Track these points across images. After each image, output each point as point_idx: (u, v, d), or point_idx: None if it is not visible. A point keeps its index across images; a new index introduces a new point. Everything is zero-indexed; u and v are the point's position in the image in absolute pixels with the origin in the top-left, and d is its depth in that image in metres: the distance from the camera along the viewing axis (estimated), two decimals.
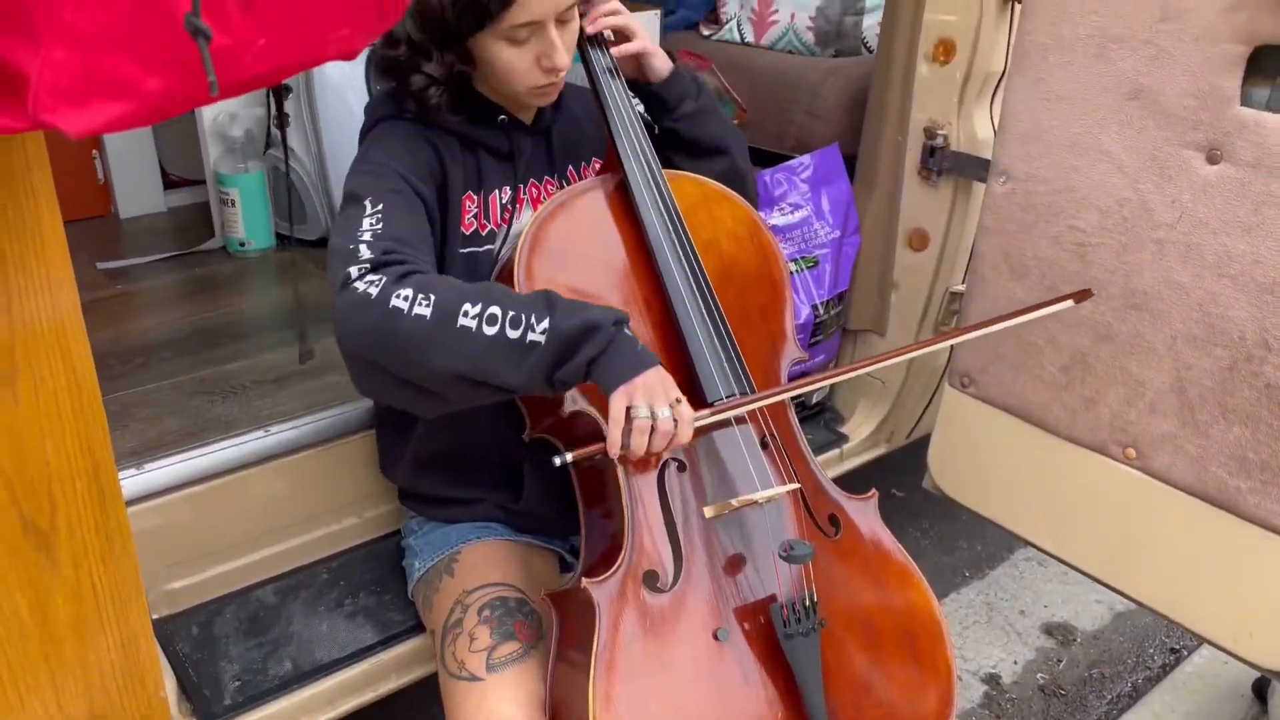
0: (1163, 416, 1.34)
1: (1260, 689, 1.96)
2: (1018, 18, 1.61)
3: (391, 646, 1.34)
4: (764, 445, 1.16)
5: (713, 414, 1.08)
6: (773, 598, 1.09)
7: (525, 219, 1.23)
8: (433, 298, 1.02)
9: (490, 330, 1.01)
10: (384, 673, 1.33)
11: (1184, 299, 1.29)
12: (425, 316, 1.01)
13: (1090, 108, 1.33)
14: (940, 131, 1.66)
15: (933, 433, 1.66)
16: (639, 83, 1.29)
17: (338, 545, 1.52)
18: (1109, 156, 1.33)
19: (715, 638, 1.05)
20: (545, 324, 1.01)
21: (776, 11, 2.05)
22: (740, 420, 1.14)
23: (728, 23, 2.14)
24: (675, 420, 1.03)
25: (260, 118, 2.17)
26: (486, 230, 1.23)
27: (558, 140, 1.30)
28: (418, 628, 1.37)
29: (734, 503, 1.08)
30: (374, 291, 1.02)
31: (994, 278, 1.50)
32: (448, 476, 1.32)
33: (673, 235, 1.16)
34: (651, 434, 1.02)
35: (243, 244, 2.18)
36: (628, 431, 1.02)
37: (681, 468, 1.11)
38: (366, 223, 1.09)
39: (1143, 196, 1.31)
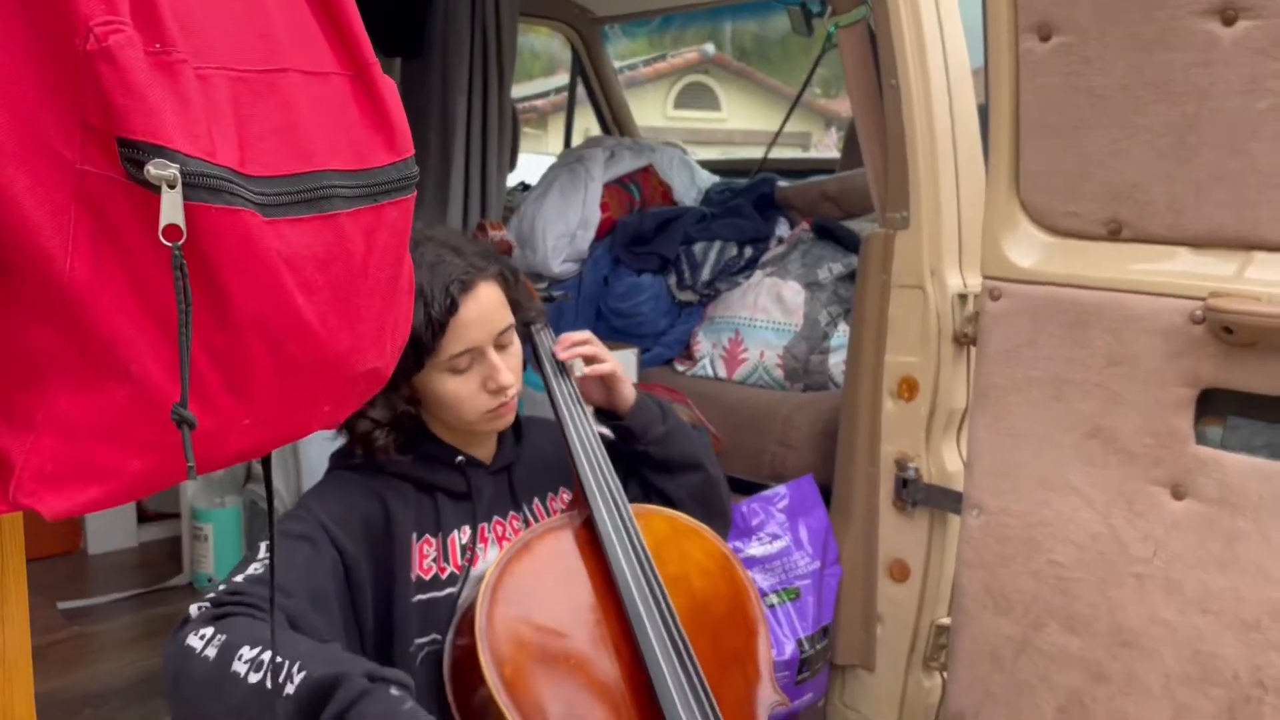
0: None
1: None
2: (974, 359, 1.71)
3: None
4: None
5: None
6: None
7: (490, 558, 1.21)
8: (223, 638, 0.97)
9: (254, 678, 0.93)
10: None
11: (1172, 636, 1.26)
12: (210, 658, 0.96)
13: (1053, 445, 1.38)
14: (911, 464, 1.70)
15: None
16: (606, 412, 1.34)
17: None
18: (1078, 491, 1.36)
19: None
20: (303, 675, 0.93)
21: (746, 350, 2.17)
22: None
23: (700, 360, 2.25)
24: None
25: None
26: (446, 573, 1.22)
27: (519, 476, 1.31)
28: None
29: None
30: (186, 631, 0.99)
31: (978, 612, 1.47)
32: None
33: (642, 578, 1.15)
34: None
35: (210, 579, 2.14)
36: None
37: None
38: (249, 568, 1.08)
39: (1115, 531, 1.32)
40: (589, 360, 1.33)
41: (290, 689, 0.92)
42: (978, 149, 1.72)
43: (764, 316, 2.16)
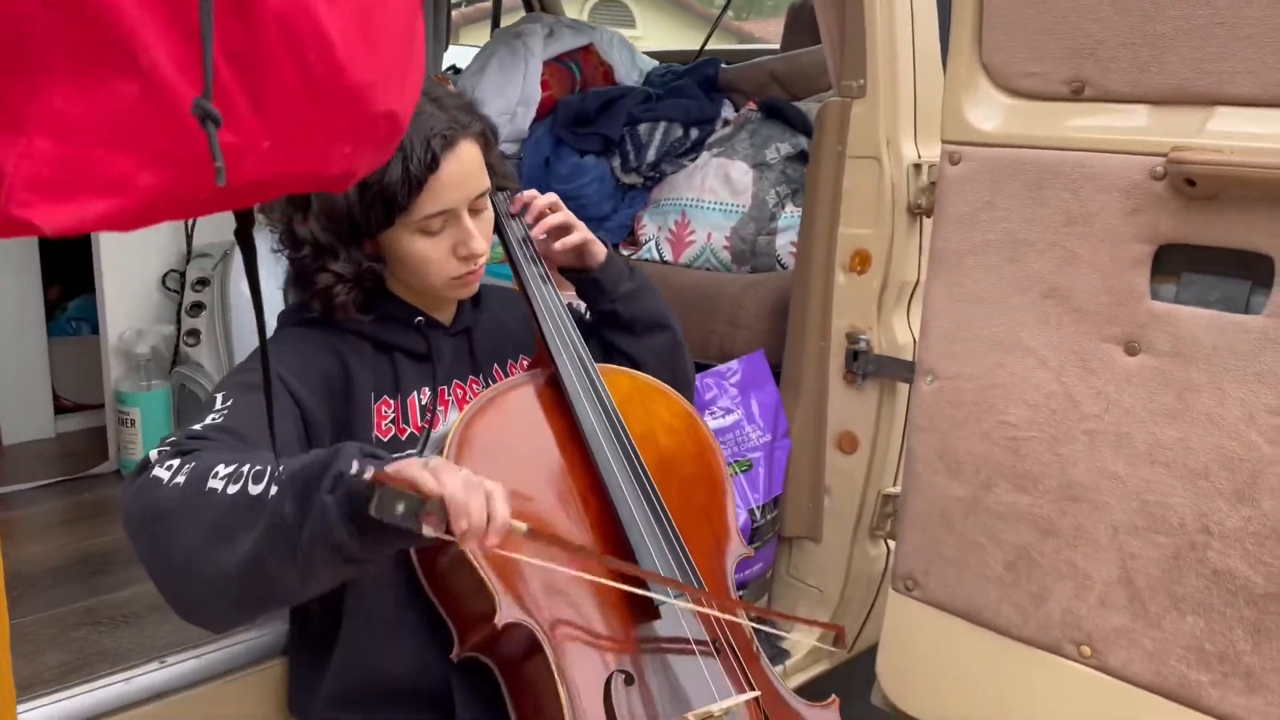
0: (1114, 610, 1.31)
1: None
2: (927, 230, 1.71)
3: None
4: (717, 650, 1.08)
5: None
6: None
7: (451, 421, 1.18)
8: (192, 465, 0.90)
9: (233, 489, 0.87)
10: None
11: (1121, 488, 1.30)
12: (180, 484, 0.89)
13: (1008, 307, 1.39)
14: (862, 337, 1.70)
15: (880, 642, 1.60)
16: (574, 269, 1.30)
17: None
18: (1031, 352, 1.37)
19: None
20: (287, 472, 0.86)
21: (693, 232, 2.14)
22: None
23: (646, 243, 2.21)
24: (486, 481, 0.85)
25: (169, 335, 2.11)
26: (406, 434, 1.18)
27: (479, 340, 1.27)
28: None
29: (690, 717, 0.99)
30: (150, 471, 0.92)
31: (929, 476, 1.49)
32: (368, 712, 1.19)
33: (610, 430, 1.13)
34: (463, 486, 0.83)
35: None
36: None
37: (629, 680, 1.03)
38: (208, 418, 1.01)
39: (1068, 389, 1.34)
40: (559, 233, 1.29)
41: (275, 487, 0.86)
42: (933, 17, 1.69)
43: (711, 197, 2.13)
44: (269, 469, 0.87)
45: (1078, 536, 1.34)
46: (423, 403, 1.18)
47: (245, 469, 0.88)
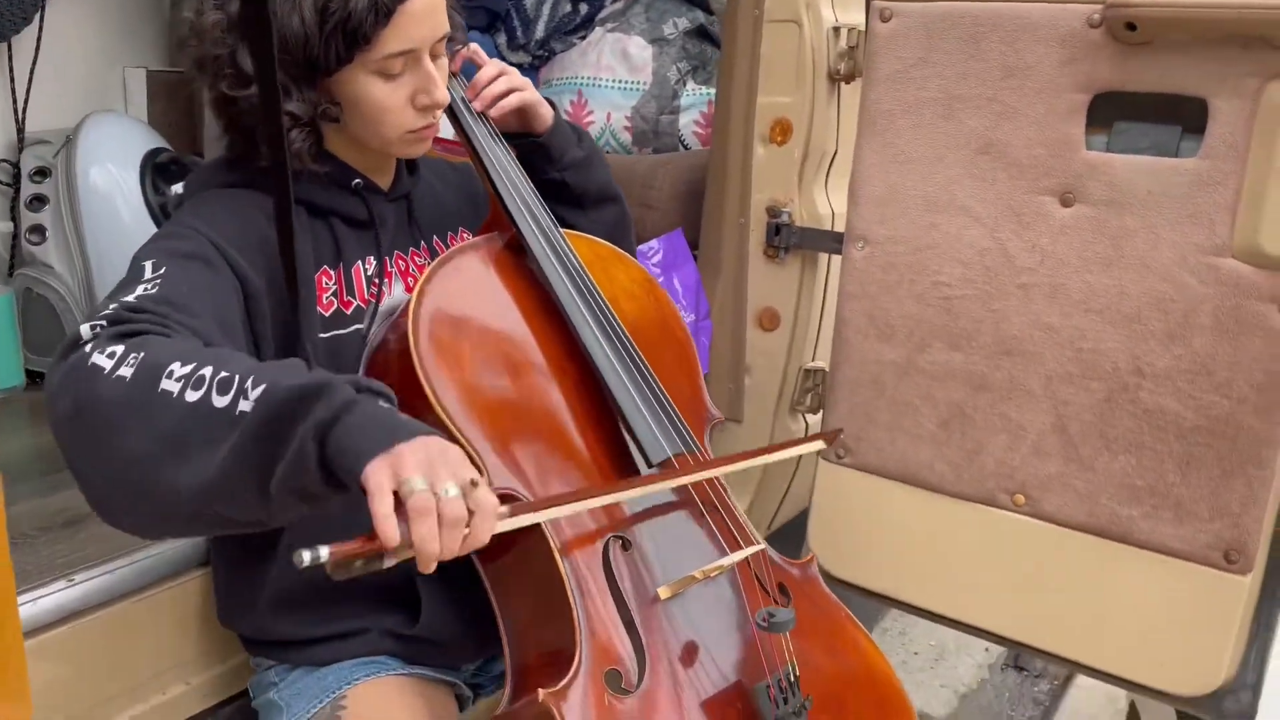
0: (1047, 457, 1.36)
1: None
2: (845, 97, 1.69)
3: None
4: (708, 511, 1.05)
5: (656, 481, 0.96)
6: (739, 685, 0.97)
7: (398, 294, 1.08)
8: (142, 355, 0.80)
9: (192, 396, 0.76)
10: None
11: (1054, 339, 1.33)
12: (125, 379, 0.78)
13: (942, 165, 1.39)
14: (784, 210, 1.68)
15: (810, 512, 1.61)
16: (516, 134, 1.21)
17: None
18: (966, 210, 1.38)
19: None
20: (262, 388, 0.76)
21: (591, 113, 2.05)
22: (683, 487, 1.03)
23: None
24: (471, 509, 0.75)
25: (5, 233, 1.88)
26: (351, 308, 1.08)
27: (419, 209, 1.17)
28: None
29: (697, 574, 0.96)
30: (86, 352, 0.81)
31: (860, 342, 1.50)
32: (320, 611, 1.10)
33: (583, 291, 1.06)
34: (439, 524, 0.74)
35: None
36: (402, 516, 0.73)
37: (625, 545, 0.99)
38: (138, 288, 0.89)
39: (1003, 245, 1.35)
40: (503, 95, 1.18)
41: (245, 405, 0.76)
42: None
43: (609, 75, 2.04)
44: (236, 378, 0.77)
45: (1011, 389, 1.37)
46: (368, 273, 1.07)
47: (207, 373, 0.78)
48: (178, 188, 1.88)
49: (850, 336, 1.51)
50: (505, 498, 0.93)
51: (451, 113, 1.14)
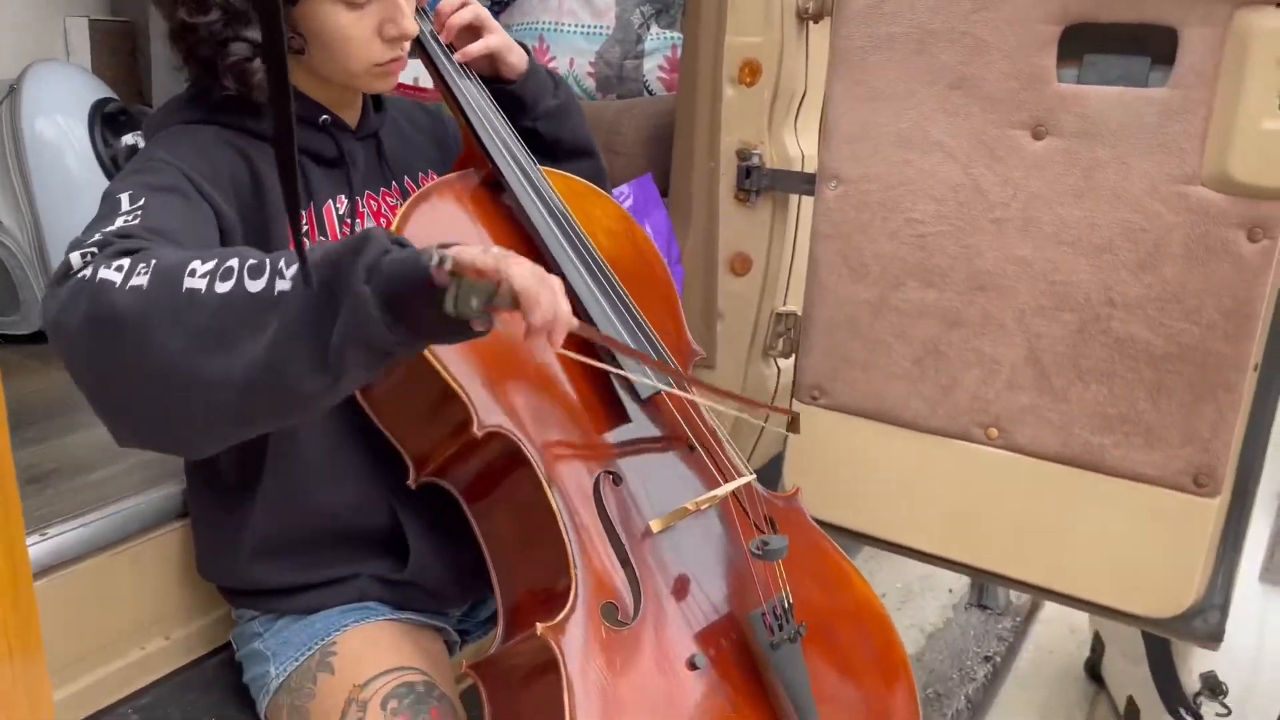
0: (1021, 390, 1.38)
1: (1093, 668, 2.06)
2: (813, 37, 1.68)
3: None
4: (699, 444, 1.05)
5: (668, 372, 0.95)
6: (731, 615, 0.97)
7: None
8: (153, 262, 0.77)
9: (224, 287, 0.74)
10: None
11: (1027, 272, 1.34)
12: (142, 287, 0.75)
13: (915, 101, 1.38)
14: (754, 152, 1.67)
15: (786, 454, 1.62)
16: (490, 80, 1.18)
17: (142, 678, 1.21)
18: (939, 146, 1.38)
19: (692, 666, 0.91)
20: (296, 266, 0.74)
21: (554, 58, 2.02)
22: (672, 422, 1.03)
23: None
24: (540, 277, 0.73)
25: None
26: None
27: (389, 149, 1.15)
28: None
29: (689, 505, 0.96)
30: (87, 274, 0.78)
31: (834, 282, 1.50)
32: (304, 558, 1.09)
33: (564, 226, 1.05)
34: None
35: None
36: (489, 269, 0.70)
37: (616, 481, 0.98)
38: (119, 220, 0.86)
39: (976, 180, 1.36)
40: (466, 35, 1.15)
41: (284, 284, 0.73)
42: None
43: (571, 20, 2.00)
44: (267, 262, 0.74)
45: (985, 324, 1.39)
46: (339, 212, 1.04)
47: (234, 264, 0.74)
48: (128, 139, 1.82)
49: (824, 277, 1.51)
50: (494, 436, 0.92)
51: (421, 47, 1.11)
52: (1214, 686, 1.53)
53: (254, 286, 0.73)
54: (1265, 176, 1.16)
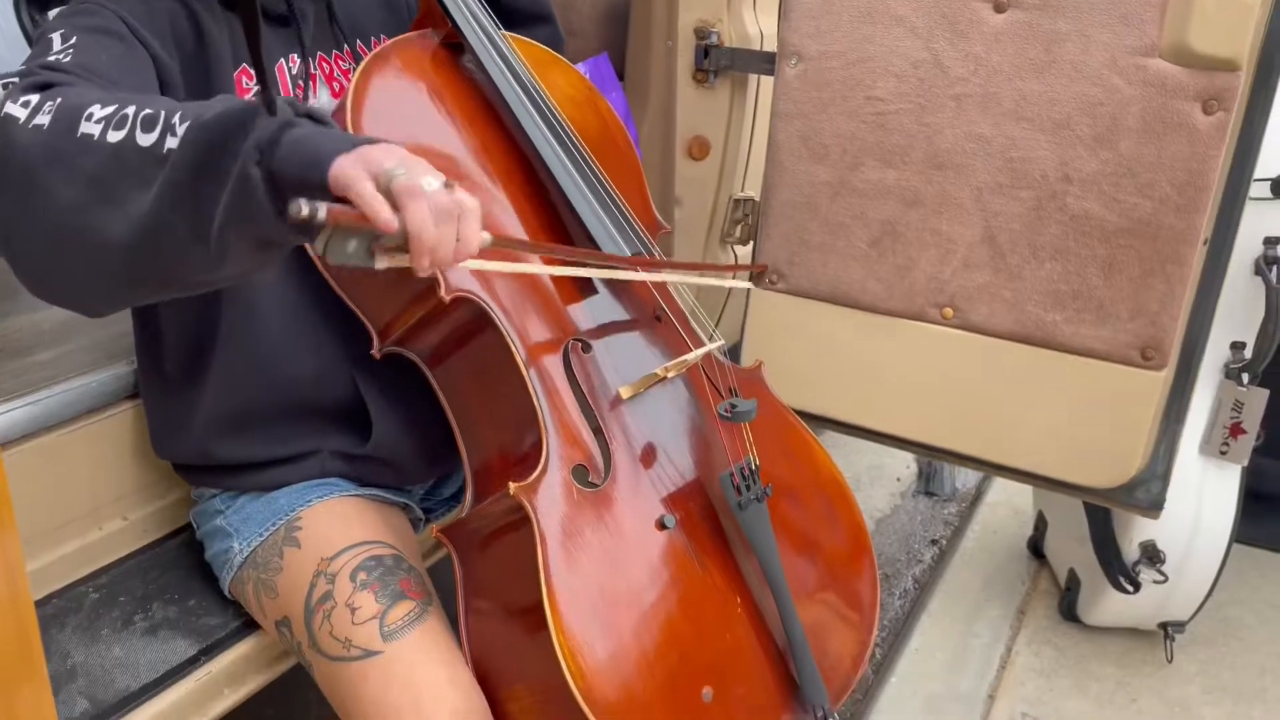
0: (976, 269, 1.39)
1: (1035, 546, 2.14)
2: None
3: (218, 655, 1.07)
4: (659, 319, 1.05)
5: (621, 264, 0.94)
6: (698, 481, 0.99)
7: (324, 99, 1.02)
8: (59, 100, 0.73)
9: (115, 136, 0.70)
10: (214, 689, 1.06)
11: (986, 149, 1.34)
12: (43, 126, 0.73)
13: None
14: (712, 31, 1.63)
15: (743, 340, 1.63)
16: None
17: (102, 558, 1.20)
18: (901, 21, 1.36)
19: (661, 527, 0.93)
20: (189, 123, 0.69)
21: None
22: (642, 291, 1.03)
23: None
24: (458, 202, 0.69)
25: None
26: None
27: (339, 9, 1.10)
28: (246, 628, 1.10)
29: (659, 371, 0.96)
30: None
31: (794, 163, 1.49)
32: (264, 433, 1.07)
33: (528, 89, 1.02)
34: (433, 217, 0.66)
35: None
36: (390, 204, 0.65)
37: (585, 348, 0.98)
38: (49, 57, 0.82)
39: (937, 55, 1.35)
40: None
41: (172, 141, 0.69)
42: None
43: None
44: (162, 114, 0.70)
45: (943, 203, 1.39)
46: (292, 72, 1.00)
47: (130, 111, 0.70)
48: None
49: (783, 159, 1.50)
50: (462, 301, 0.91)
51: None
52: (1152, 555, 1.60)
53: (144, 140, 0.70)
54: (1222, 46, 1.16)
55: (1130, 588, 1.67)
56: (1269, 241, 1.34)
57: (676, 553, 0.93)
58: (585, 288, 1.01)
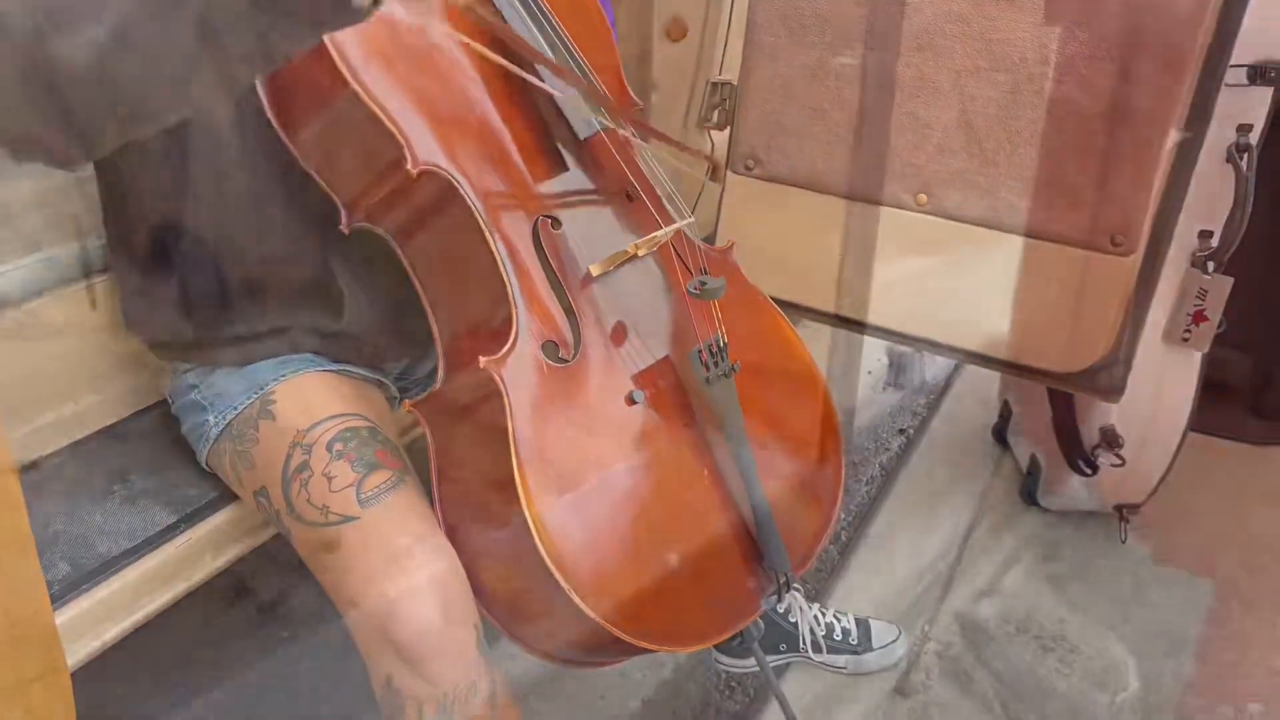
0: (951, 155, 1.39)
1: (999, 433, 2.19)
2: None
3: (198, 523, 1.10)
4: (630, 197, 1.04)
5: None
6: (668, 359, 1.00)
7: None
8: None
9: None
10: (195, 554, 1.09)
11: (966, 30, 1.33)
12: None
13: None
14: None
15: (718, 227, 1.63)
16: None
17: (77, 431, 1.21)
18: None
19: (631, 402, 0.95)
20: None
21: None
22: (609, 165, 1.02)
23: None
24: None
25: None
26: None
27: None
28: (224, 500, 1.12)
29: (629, 248, 0.96)
30: None
31: (772, 44, 1.47)
32: (234, 311, 1.07)
33: None
34: None
35: None
36: None
37: (555, 225, 0.98)
38: None
39: None
40: None
41: None
42: None
43: None
44: None
45: (920, 87, 1.38)
46: None
47: None
48: None
49: (762, 40, 1.48)
50: (429, 175, 0.90)
51: None
52: (1111, 439, 1.64)
53: None
54: None
55: (1089, 470, 1.71)
56: (1242, 129, 1.33)
57: (645, 428, 0.95)
58: (557, 163, 1.00)
